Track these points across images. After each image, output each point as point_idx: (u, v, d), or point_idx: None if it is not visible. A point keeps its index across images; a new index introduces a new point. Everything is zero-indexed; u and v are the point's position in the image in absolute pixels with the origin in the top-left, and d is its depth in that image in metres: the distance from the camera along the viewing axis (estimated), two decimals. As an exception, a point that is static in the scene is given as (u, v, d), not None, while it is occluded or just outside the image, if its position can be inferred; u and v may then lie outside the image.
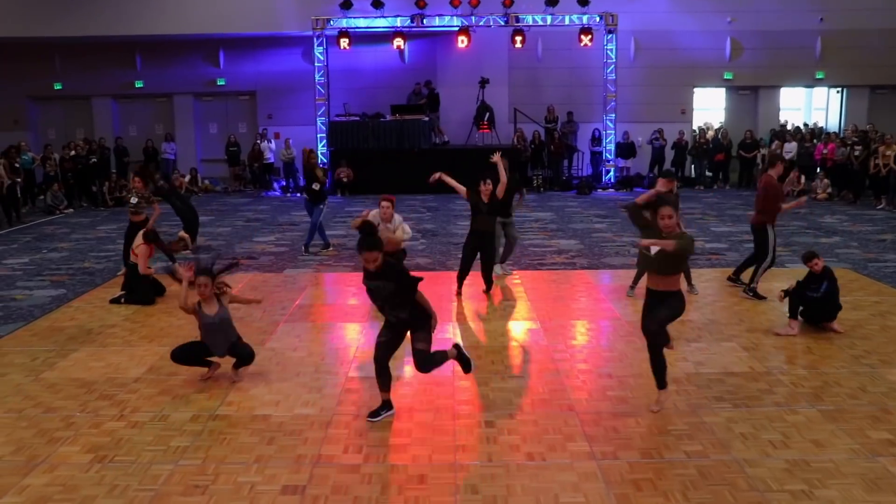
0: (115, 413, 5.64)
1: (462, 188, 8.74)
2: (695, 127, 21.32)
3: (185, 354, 6.18)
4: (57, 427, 5.41)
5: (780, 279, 9.82)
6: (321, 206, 11.65)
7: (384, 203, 8.48)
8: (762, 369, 6.45)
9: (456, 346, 5.81)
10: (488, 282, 9.00)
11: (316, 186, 11.64)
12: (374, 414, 5.48)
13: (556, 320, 8.00)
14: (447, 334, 7.48)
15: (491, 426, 5.37)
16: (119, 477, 4.68)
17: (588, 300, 8.84)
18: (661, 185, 7.05)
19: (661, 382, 5.60)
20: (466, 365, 5.75)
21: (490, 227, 8.83)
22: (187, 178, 19.46)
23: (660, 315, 5.45)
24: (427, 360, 5.45)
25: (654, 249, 5.32)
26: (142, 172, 11.01)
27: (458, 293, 8.94)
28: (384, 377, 5.48)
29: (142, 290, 8.74)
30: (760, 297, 8.56)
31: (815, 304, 7.36)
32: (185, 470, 4.77)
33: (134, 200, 10.15)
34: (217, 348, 6.20)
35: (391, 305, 5.30)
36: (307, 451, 5.01)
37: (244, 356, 6.25)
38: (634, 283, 8.79)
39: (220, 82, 21.69)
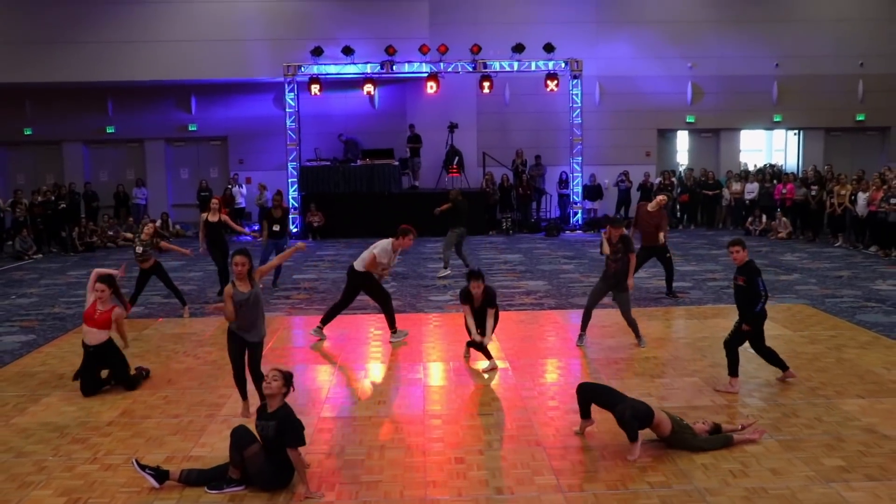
0: (89, 456, 5.67)
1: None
2: (680, 168, 21.82)
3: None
4: (29, 471, 5.43)
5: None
6: (281, 242, 12.45)
7: None
8: (723, 402, 6.67)
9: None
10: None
11: (276, 228, 12.43)
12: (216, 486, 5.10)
13: (525, 359, 8.16)
14: (418, 374, 7.62)
15: (461, 462, 5.49)
16: (92, 519, 4.72)
17: (556, 339, 9.03)
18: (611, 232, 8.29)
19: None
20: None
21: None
22: (158, 223, 19.44)
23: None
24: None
25: None
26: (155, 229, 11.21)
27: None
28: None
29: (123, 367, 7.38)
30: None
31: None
32: (159, 511, 4.82)
33: (139, 249, 10.41)
34: (243, 330, 6.33)
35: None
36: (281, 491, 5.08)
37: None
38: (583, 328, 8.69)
39: (192, 127, 21.84)
